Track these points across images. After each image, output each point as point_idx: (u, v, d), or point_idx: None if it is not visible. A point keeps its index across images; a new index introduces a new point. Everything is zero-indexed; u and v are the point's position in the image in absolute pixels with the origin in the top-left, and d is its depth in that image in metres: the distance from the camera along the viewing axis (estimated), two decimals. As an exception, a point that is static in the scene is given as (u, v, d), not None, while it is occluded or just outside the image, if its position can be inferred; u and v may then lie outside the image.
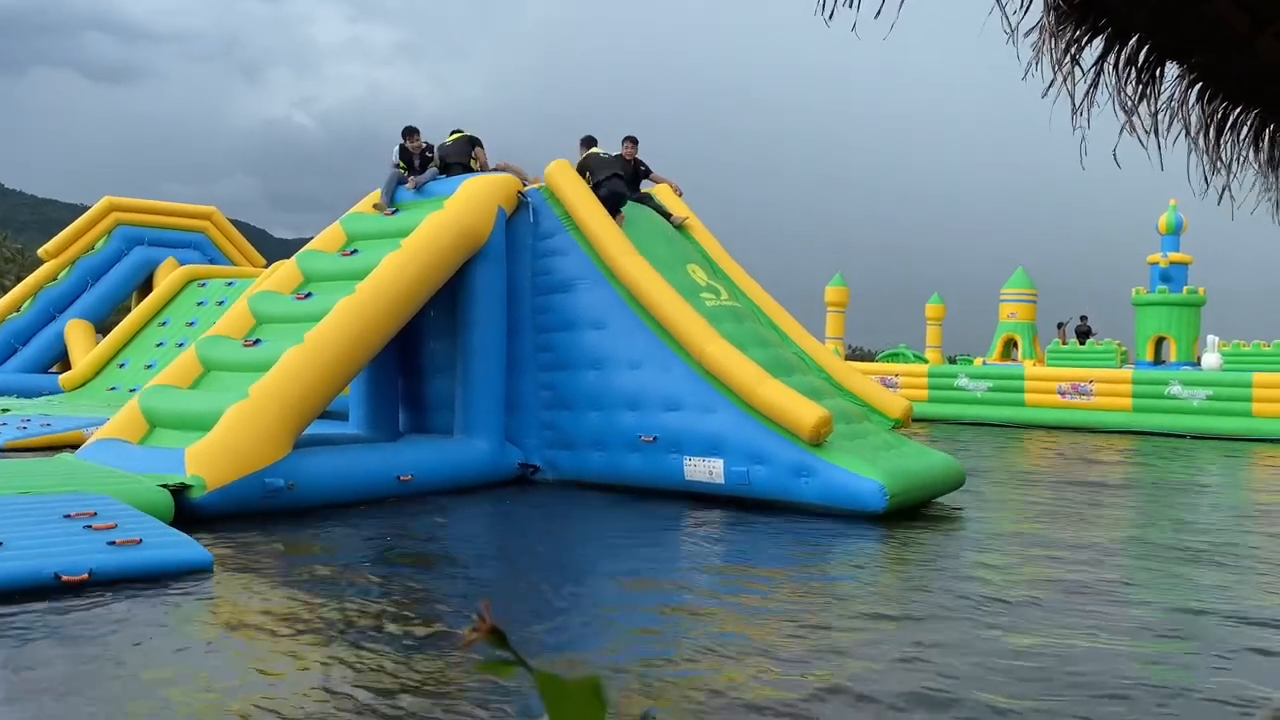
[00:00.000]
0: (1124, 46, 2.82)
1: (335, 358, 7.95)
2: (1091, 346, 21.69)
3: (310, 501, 7.42)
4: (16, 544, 5.09)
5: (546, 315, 9.32)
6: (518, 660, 0.77)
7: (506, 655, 0.78)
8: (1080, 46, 2.87)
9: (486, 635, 0.78)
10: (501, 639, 0.78)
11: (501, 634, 0.79)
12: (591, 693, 0.76)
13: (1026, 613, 5.02)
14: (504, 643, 0.78)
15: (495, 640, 0.78)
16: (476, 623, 0.79)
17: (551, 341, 9.22)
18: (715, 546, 6.88)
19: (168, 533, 5.74)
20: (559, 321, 9.20)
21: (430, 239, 8.77)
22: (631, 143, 10.57)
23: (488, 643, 0.78)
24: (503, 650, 0.78)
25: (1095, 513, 8.45)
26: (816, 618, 4.87)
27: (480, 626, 0.79)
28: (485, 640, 0.78)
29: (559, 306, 9.26)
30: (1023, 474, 11.65)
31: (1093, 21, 2.78)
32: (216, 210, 20.43)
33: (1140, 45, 2.86)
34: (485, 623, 0.79)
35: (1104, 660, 4.26)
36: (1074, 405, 18.32)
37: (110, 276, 18.88)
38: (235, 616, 4.70)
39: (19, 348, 18.04)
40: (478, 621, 0.79)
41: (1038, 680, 3.98)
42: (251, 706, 3.50)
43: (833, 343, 22.69)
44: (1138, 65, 2.84)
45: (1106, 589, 5.60)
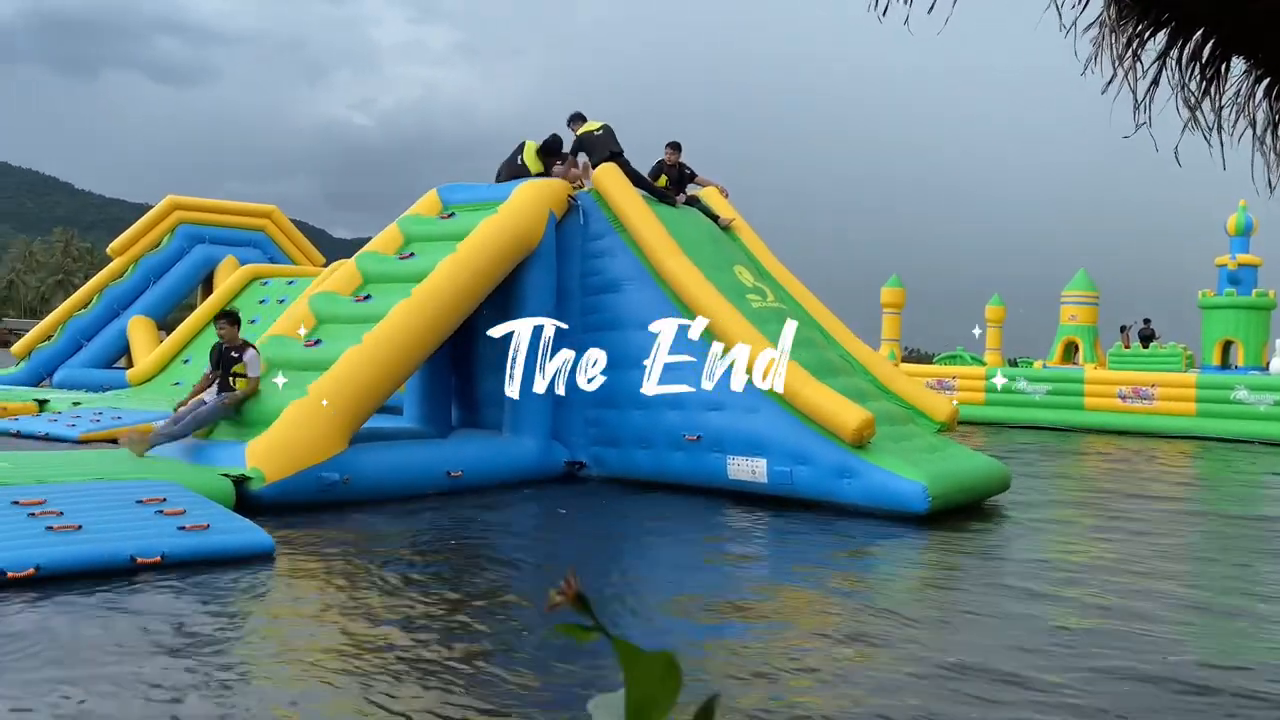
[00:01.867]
0: (1188, 40, 2.76)
1: (391, 358, 8.15)
2: (1155, 350, 21.17)
3: (364, 495, 7.63)
4: (95, 528, 5.35)
5: (595, 315, 9.46)
6: (597, 627, 0.79)
7: (587, 621, 0.79)
8: (1142, 41, 2.83)
9: (571, 601, 0.80)
10: (585, 605, 0.80)
11: (585, 600, 0.80)
12: (667, 666, 0.77)
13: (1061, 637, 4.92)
14: (587, 609, 0.80)
15: (579, 606, 0.80)
16: (563, 587, 0.80)
17: (599, 341, 9.31)
18: (759, 543, 6.95)
19: (233, 519, 5.96)
20: (607, 321, 9.33)
21: (484, 244, 8.96)
22: (673, 149, 10.68)
23: (572, 608, 0.80)
24: (585, 616, 0.80)
25: (1150, 542, 7.24)
26: (859, 612, 4.90)
27: (566, 591, 0.80)
28: (570, 605, 0.80)
29: (607, 306, 9.39)
30: (1074, 482, 11.44)
31: (1155, 15, 2.73)
32: (277, 209, 20.75)
33: (1205, 39, 2.80)
34: (571, 588, 0.80)
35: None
36: (1135, 410, 17.90)
37: (172, 274, 19.29)
38: (294, 596, 4.86)
39: (84, 344, 18.58)
40: (564, 586, 0.80)
41: (1069, 668, 3.95)
42: (318, 669, 3.66)
43: (889, 345, 22.45)
44: (1202, 60, 2.79)
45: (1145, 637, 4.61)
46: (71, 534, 5.21)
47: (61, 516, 5.42)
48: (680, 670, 0.77)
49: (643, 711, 0.78)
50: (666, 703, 0.78)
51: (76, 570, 4.95)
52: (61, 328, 18.59)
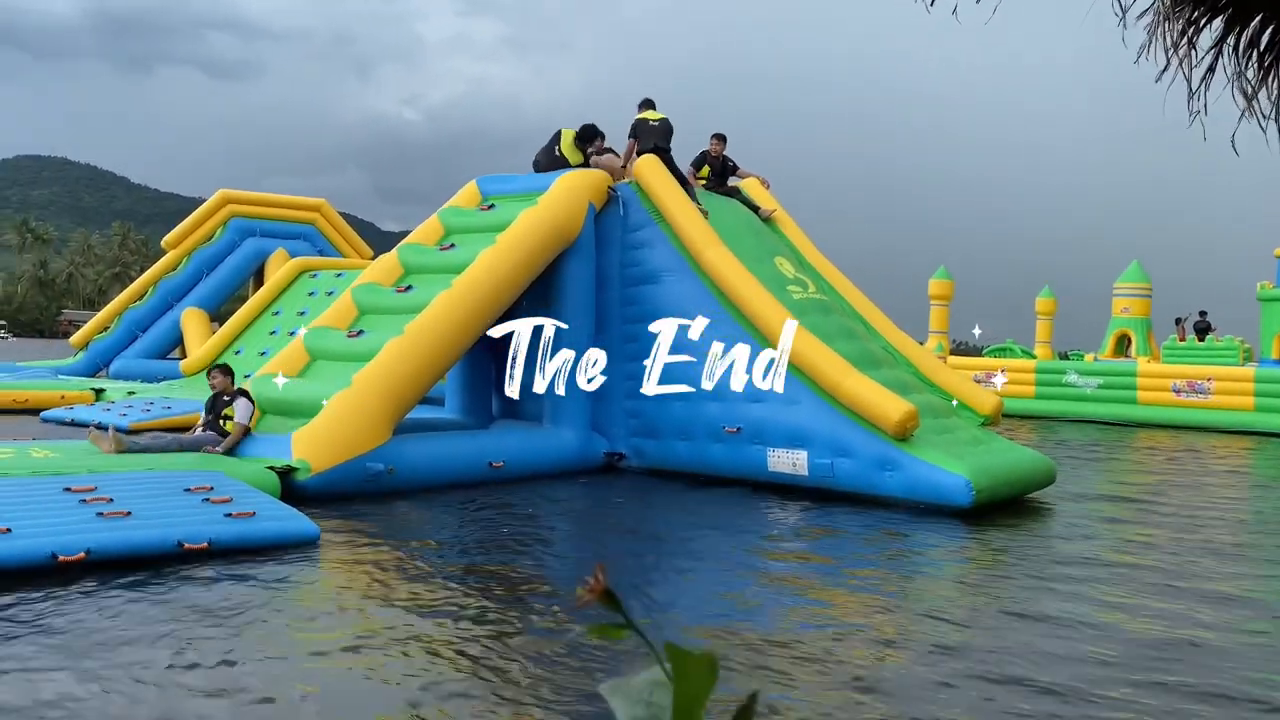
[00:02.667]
0: (1245, 27, 2.68)
1: (433, 349, 8.22)
2: (1211, 343, 20.62)
3: (408, 485, 7.72)
4: (144, 514, 5.48)
5: (634, 306, 9.46)
6: (628, 624, 0.78)
7: (617, 618, 0.78)
8: (1198, 28, 2.74)
9: (599, 597, 0.79)
10: (614, 601, 0.79)
11: (614, 596, 0.79)
12: (707, 665, 0.76)
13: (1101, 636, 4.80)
14: (616, 605, 0.79)
15: (608, 602, 0.79)
16: (591, 584, 0.79)
17: (639, 332, 9.33)
18: (802, 534, 6.93)
19: (279, 506, 6.07)
20: (646, 312, 9.32)
21: (524, 235, 8.99)
22: (719, 140, 10.65)
23: (600, 604, 0.79)
24: (614, 612, 0.78)
25: (1206, 543, 7.02)
26: (901, 614, 4.86)
27: (594, 588, 0.79)
28: (598, 602, 0.79)
29: (646, 297, 9.38)
30: (1123, 476, 11.19)
31: (1210, 1, 2.64)
32: (325, 202, 21.03)
33: (1264, 26, 2.71)
34: (599, 584, 0.79)
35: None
36: (1190, 404, 17.47)
37: (224, 267, 19.66)
38: (338, 585, 4.95)
39: (139, 335, 19.02)
40: (592, 582, 0.79)
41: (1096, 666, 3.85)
42: (363, 654, 3.73)
43: (936, 337, 22.14)
44: (1260, 47, 2.69)
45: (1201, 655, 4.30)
46: (121, 520, 5.34)
47: (111, 503, 5.55)
48: (716, 666, 0.76)
49: (689, 711, 0.77)
50: (704, 696, 0.77)
51: (125, 555, 5.08)
52: (117, 319, 19.06)
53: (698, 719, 0.76)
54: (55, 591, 4.57)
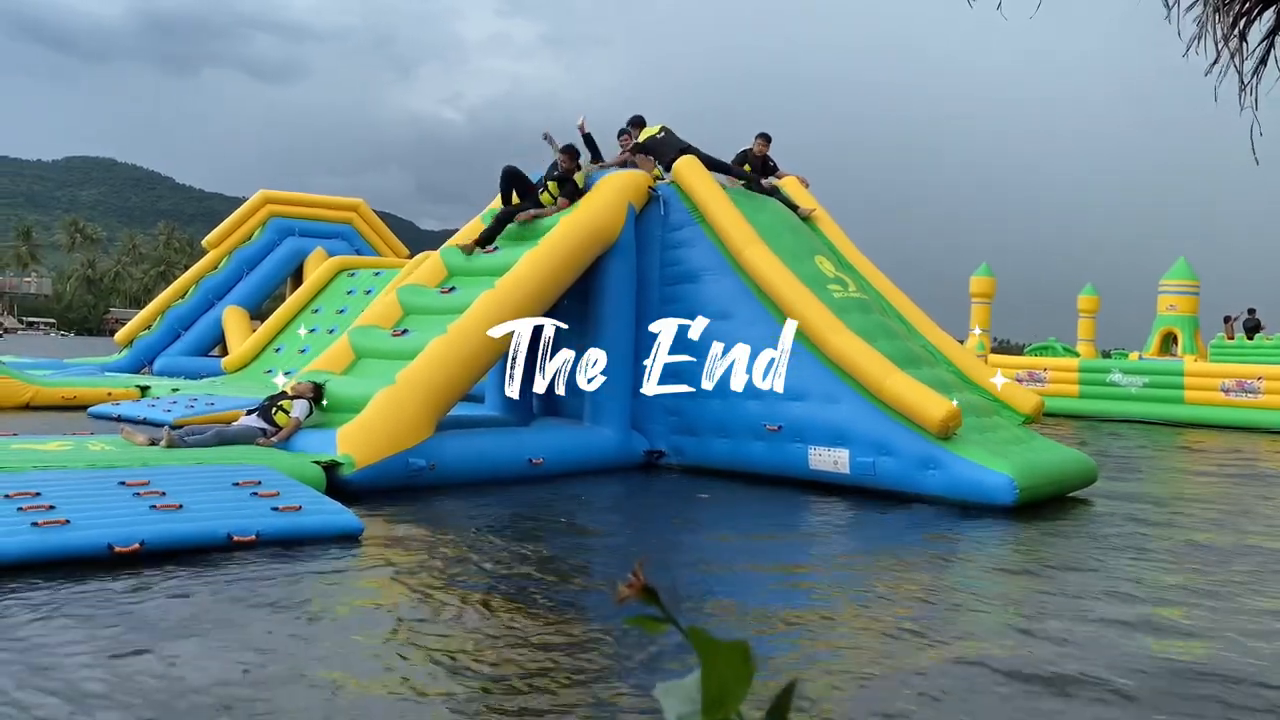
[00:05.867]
0: (1299, 19, 2.64)
1: (475, 348, 8.33)
2: (1261, 342, 20.19)
3: (449, 480, 7.82)
4: (195, 507, 5.60)
5: (674, 305, 9.48)
6: (668, 618, 0.78)
7: (657, 613, 0.79)
8: (1249, 20, 2.71)
9: (640, 592, 0.80)
10: (654, 597, 0.80)
11: (654, 592, 0.80)
12: (743, 656, 0.77)
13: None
14: (656, 600, 0.80)
15: (648, 598, 0.80)
16: (631, 579, 0.80)
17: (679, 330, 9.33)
18: (843, 531, 6.92)
19: (324, 501, 6.16)
20: (686, 311, 9.34)
21: (565, 238, 9.08)
22: (763, 140, 10.67)
23: (640, 600, 0.80)
24: (654, 607, 0.79)
25: (1257, 550, 6.61)
26: (944, 615, 4.83)
27: (634, 584, 0.80)
28: (638, 597, 0.80)
29: (686, 296, 9.41)
30: (1169, 477, 10.99)
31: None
32: (363, 202, 21.27)
33: (1318, 17, 2.67)
34: (639, 580, 0.80)
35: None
36: (1239, 403, 17.13)
37: (264, 266, 19.93)
38: (379, 578, 5.03)
39: (182, 332, 19.37)
40: (632, 578, 0.80)
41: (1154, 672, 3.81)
42: (408, 647, 3.79)
43: (977, 337, 21.89)
44: (1315, 38, 2.65)
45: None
46: (173, 513, 5.46)
47: (164, 496, 5.68)
48: (753, 660, 0.77)
49: (720, 701, 0.78)
50: (741, 691, 0.78)
51: (178, 546, 5.21)
52: (160, 317, 19.41)
53: (733, 710, 0.77)
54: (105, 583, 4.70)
